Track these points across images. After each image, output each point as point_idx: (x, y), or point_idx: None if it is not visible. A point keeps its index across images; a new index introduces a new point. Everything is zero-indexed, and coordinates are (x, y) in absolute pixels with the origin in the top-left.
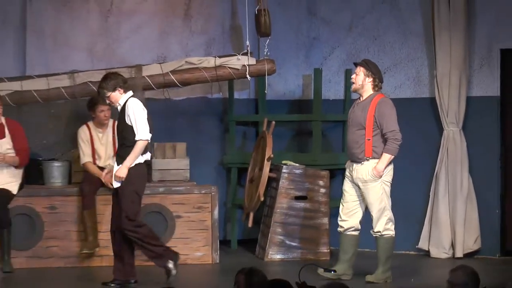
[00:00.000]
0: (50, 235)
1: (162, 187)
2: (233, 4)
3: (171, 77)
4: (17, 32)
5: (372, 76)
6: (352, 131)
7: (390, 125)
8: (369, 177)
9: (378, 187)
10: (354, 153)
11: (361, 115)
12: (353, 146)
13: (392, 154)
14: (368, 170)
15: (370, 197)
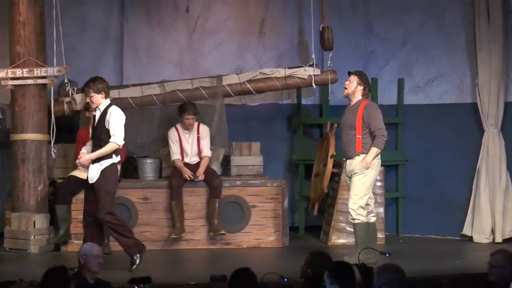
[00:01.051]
0: (144, 222)
1: (239, 180)
2: (301, 22)
3: (247, 85)
4: (115, 47)
5: (363, 85)
6: (345, 131)
7: (377, 124)
8: (358, 168)
9: (361, 177)
10: (348, 150)
11: (351, 118)
12: (346, 144)
13: (379, 148)
14: (358, 163)
15: (353, 183)
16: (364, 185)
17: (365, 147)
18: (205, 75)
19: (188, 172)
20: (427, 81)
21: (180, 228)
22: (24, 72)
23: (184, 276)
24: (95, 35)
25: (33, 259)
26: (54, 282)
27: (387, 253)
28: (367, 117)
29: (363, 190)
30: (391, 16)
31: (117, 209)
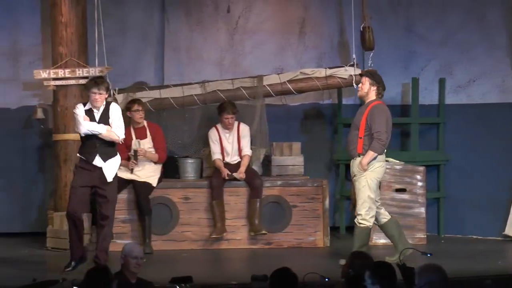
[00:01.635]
0: (184, 222)
1: (280, 180)
2: (341, 22)
3: (288, 85)
4: (156, 48)
5: (376, 85)
6: (350, 130)
7: (377, 127)
8: (357, 171)
9: (362, 180)
10: (350, 149)
11: (358, 118)
12: (349, 143)
13: (375, 151)
14: (354, 164)
15: (356, 188)
16: (366, 190)
17: (365, 149)
18: (246, 75)
19: (225, 171)
20: (468, 81)
21: (221, 228)
22: (66, 73)
23: (225, 275)
24: (136, 35)
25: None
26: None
27: (428, 253)
28: (370, 118)
29: (366, 194)
30: (432, 16)
31: (158, 209)
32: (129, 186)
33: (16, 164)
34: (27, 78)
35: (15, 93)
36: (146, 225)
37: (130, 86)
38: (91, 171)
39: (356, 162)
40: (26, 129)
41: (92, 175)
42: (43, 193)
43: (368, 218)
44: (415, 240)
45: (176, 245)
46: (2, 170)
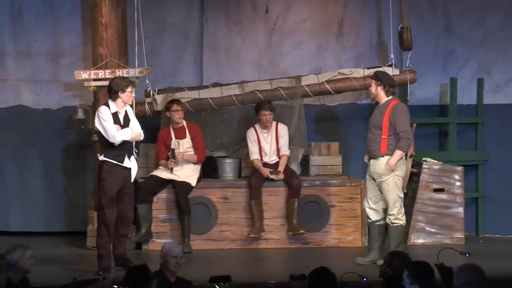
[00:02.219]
0: (223, 221)
1: (318, 180)
2: (379, 22)
3: (326, 86)
4: (195, 48)
5: (381, 85)
6: (371, 131)
7: (403, 126)
8: (383, 171)
9: (390, 180)
10: (372, 150)
11: (379, 118)
12: (371, 144)
13: (404, 151)
14: (382, 165)
15: (384, 189)
16: (395, 190)
17: (390, 148)
18: (284, 76)
19: (266, 171)
20: (506, 81)
21: (259, 228)
22: (106, 73)
23: (263, 275)
24: (175, 36)
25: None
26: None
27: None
28: (393, 118)
29: (396, 194)
30: (471, 16)
31: (197, 208)
32: (168, 186)
33: (57, 164)
34: (67, 79)
35: (56, 93)
36: (185, 224)
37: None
38: (120, 172)
39: (380, 163)
40: (66, 129)
41: (120, 177)
42: (84, 193)
43: (400, 217)
44: (453, 240)
45: (215, 245)
46: (44, 170)
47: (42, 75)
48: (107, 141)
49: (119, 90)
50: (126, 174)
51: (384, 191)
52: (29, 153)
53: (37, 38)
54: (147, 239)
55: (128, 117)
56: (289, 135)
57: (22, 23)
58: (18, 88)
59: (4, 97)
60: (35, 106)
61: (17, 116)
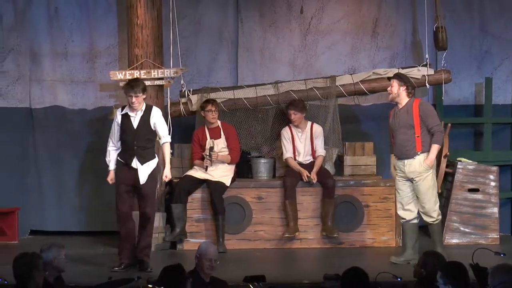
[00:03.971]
0: (257, 221)
1: (352, 180)
2: (414, 22)
3: (361, 86)
4: (230, 49)
5: (405, 85)
6: (402, 132)
7: (434, 120)
8: (422, 169)
9: (430, 177)
10: (407, 150)
11: (407, 118)
12: (405, 144)
13: (440, 144)
14: (420, 163)
15: (425, 187)
16: (434, 187)
17: (424, 146)
18: (318, 76)
19: (306, 172)
20: None
21: (293, 228)
22: (141, 74)
23: (297, 275)
24: (210, 36)
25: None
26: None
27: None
28: (424, 115)
29: (435, 191)
30: (506, 15)
31: (231, 208)
32: (203, 186)
33: (92, 164)
34: (103, 80)
35: (91, 94)
36: (220, 224)
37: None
38: (128, 172)
39: (417, 161)
40: (102, 129)
41: (128, 176)
42: None
43: (439, 213)
44: (488, 240)
45: (249, 244)
46: (79, 170)
47: (78, 76)
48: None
49: (125, 94)
50: (134, 174)
51: (424, 189)
52: (65, 153)
53: (73, 39)
54: (182, 239)
55: (146, 122)
56: (324, 135)
57: (59, 24)
58: (54, 88)
59: (41, 98)
60: (71, 106)
61: (53, 117)
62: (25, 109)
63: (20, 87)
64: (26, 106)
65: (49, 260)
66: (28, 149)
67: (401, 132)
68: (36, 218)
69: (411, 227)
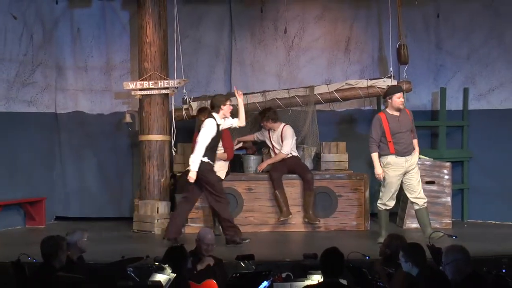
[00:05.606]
0: (248, 209)
1: (328, 174)
2: (380, 40)
3: (335, 94)
4: (225, 63)
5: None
6: (406, 134)
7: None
8: (416, 161)
9: (418, 167)
10: (410, 148)
11: (408, 123)
12: (409, 143)
13: None
14: (416, 156)
15: (418, 176)
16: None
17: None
18: (300, 86)
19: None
20: (488, 90)
21: (286, 211)
22: (150, 84)
23: (281, 254)
24: (208, 52)
25: (157, 239)
26: (175, 258)
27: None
28: (412, 120)
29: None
30: (458, 34)
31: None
32: None
33: (109, 160)
34: (118, 89)
35: (108, 101)
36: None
37: (203, 95)
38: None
39: (415, 156)
40: (117, 131)
41: None
42: (131, 185)
43: None
44: (442, 224)
45: (241, 228)
46: (97, 165)
47: (96, 86)
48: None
49: (221, 104)
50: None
51: (417, 177)
52: (85, 151)
53: (93, 55)
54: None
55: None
56: (303, 136)
57: (80, 42)
58: (76, 96)
59: (64, 104)
60: (90, 111)
61: (75, 120)
62: (51, 114)
63: (47, 95)
64: (52, 111)
65: (74, 242)
66: (54, 147)
67: (406, 134)
68: (61, 206)
69: (388, 214)
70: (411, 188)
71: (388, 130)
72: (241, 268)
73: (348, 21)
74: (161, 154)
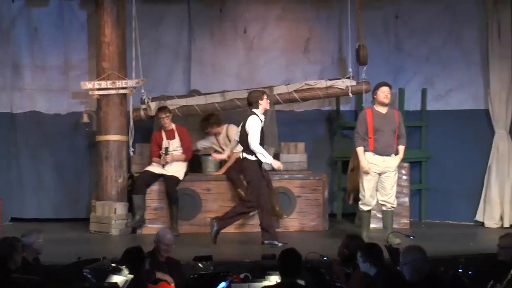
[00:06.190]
0: (206, 209)
1: (287, 174)
2: (340, 41)
3: (294, 95)
4: (184, 63)
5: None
6: (389, 133)
7: (404, 128)
8: (395, 164)
9: (396, 172)
10: (390, 149)
11: (394, 123)
12: (390, 144)
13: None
14: (395, 160)
15: (394, 179)
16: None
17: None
18: (259, 86)
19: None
20: (447, 91)
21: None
22: (108, 84)
23: (240, 255)
24: (167, 52)
25: (114, 240)
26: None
27: (411, 236)
28: (400, 123)
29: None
30: (417, 36)
31: (184, 198)
32: (159, 179)
33: (66, 161)
34: (75, 89)
35: (65, 101)
36: (174, 212)
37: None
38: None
39: (393, 159)
40: (74, 131)
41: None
42: (88, 185)
43: None
44: (400, 225)
45: (199, 229)
46: (55, 166)
47: (54, 85)
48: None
49: (258, 100)
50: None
51: (393, 182)
52: (42, 152)
53: (50, 54)
54: (141, 225)
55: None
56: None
57: (38, 41)
58: (33, 96)
59: (21, 104)
60: (47, 111)
61: (32, 120)
62: (7, 114)
63: (4, 95)
64: (8, 111)
65: (29, 243)
66: (10, 148)
67: (387, 134)
68: (16, 207)
69: (369, 214)
70: (384, 190)
71: (371, 126)
72: (199, 269)
73: (308, 21)
74: (119, 155)
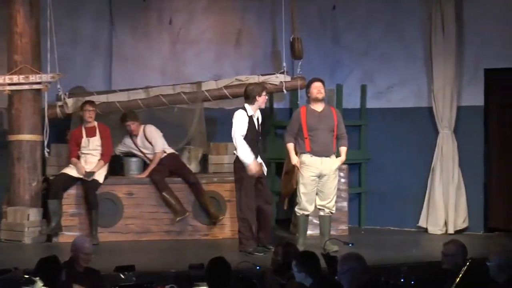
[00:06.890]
0: (128, 215)
1: (216, 177)
2: (274, 34)
3: (224, 91)
4: (105, 56)
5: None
6: (325, 133)
7: (344, 127)
8: (335, 167)
9: (336, 175)
10: (328, 149)
11: (330, 121)
12: (327, 143)
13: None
14: (335, 162)
15: (334, 183)
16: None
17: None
18: (186, 82)
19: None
20: (387, 87)
21: (181, 210)
22: (20, 79)
23: (165, 264)
24: (86, 45)
25: (27, 249)
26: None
27: (350, 243)
28: (339, 122)
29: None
30: (356, 28)
31: (104, 203)
32: (77, 183)
33: None
34: None
35: None
36: (93, 218)
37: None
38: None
39: (334, 160)
40: None
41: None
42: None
43: None
44: (338, 231)
45: (121, 237)
46: None
47: None
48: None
49: (256, 95)
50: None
51: (333, 185)
52: None
53: None
54: (57, 232)
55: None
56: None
57: None
58: None
59: None
60: None
61: None
62: None
63: None
64: None
65: None
66: None
67: (324, 133)
68: None
69: (307, 220)
70: (323, 194)
71: (305, 125)
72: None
73: (238, 12)
74: (32, 156)
